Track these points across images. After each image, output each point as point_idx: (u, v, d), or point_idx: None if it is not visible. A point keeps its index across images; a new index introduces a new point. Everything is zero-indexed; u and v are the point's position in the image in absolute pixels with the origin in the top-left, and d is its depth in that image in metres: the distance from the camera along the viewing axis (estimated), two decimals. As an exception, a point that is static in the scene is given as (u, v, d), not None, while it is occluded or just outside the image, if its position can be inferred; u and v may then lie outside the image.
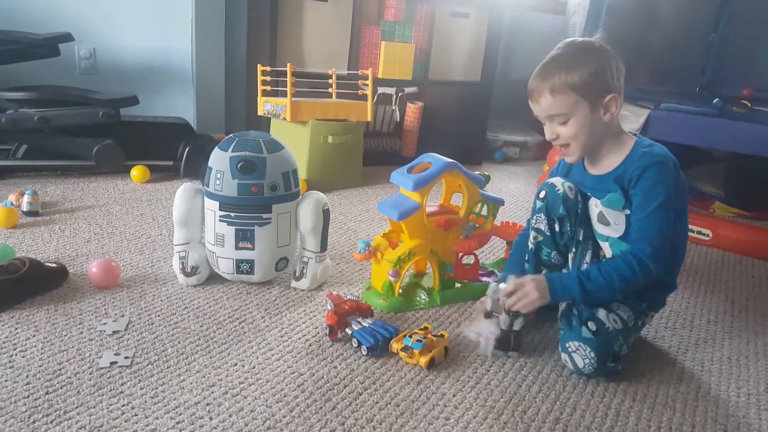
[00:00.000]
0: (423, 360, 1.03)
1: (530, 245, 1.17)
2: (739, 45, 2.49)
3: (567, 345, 1.04)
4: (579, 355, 1.02)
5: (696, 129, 1.79)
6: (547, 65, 1.03)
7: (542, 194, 1.13)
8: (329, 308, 1.10)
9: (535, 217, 1.14)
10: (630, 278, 1.00)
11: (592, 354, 1.01)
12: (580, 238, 1.12)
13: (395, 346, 1.07)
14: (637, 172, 1.01)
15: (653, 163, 1.01)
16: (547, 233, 1.13)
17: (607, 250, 1.11)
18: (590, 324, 1.04)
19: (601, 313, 1.05)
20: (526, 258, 1.19)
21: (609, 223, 1.08)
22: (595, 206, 1.10)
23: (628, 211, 1.04)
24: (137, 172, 2.04)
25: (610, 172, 1.06)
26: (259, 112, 2.19)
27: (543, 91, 1.01)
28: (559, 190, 1.10)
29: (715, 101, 1.93)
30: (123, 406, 0.88)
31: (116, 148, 2.03)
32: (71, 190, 1.91)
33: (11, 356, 0.98)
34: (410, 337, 1.07)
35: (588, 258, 1.12)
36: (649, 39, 2.32)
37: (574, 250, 1.13)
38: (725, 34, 2.51)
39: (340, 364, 1.04)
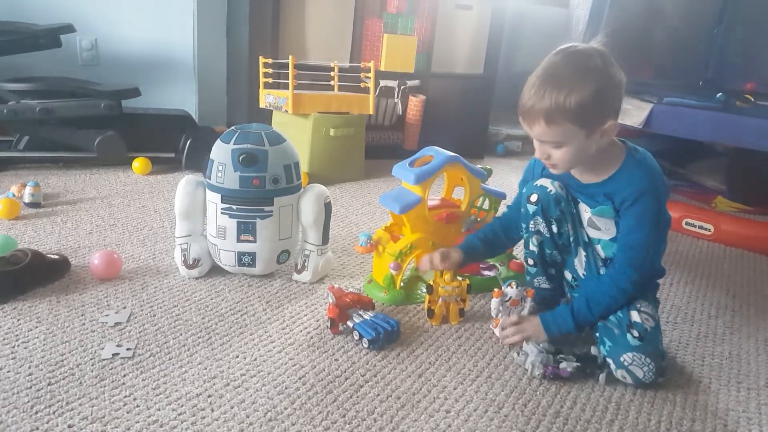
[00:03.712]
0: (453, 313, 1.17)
1: (533, 248, 1.16)
2: (744, 39, 2.47)
3: (621, 359, 0.99)
4: (636, 365, 0.98)
5: (699, 123, 1.78)
6: (544, 84, 0.92)
7: (534, 198, 1.10)
8: (331, 301, 1.10)
9: (532, 222, 1.12)
10: (619, 303, 1.04)
11: (648, 360, 0.98)
12: (586, 240, 1.11)
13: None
14: (632, 196, 0.98)
15: (651, 188, 0.98)
16: (547, 235, 1.12)
17: (600, 252, 1.10)
18: (633, 331, 1.01)
19: (635, 316, 1.02)
20: (532, 262, 1.18)
21: (600, 228, 1.07)
22: (585, 212, 1.08)
23: (617, 218, 1.03)
24: (139, 164, 2.04)
25: (600, 184, 1.02)
26: (261, 105, 2.18)
27: (537, 117, 0.93)
28: (551, 191, 1.08)
29: (718, 95, 1.92)
30: (125, 397, 0.88)
31: (118, 140, 2.02)
32: (73, 182, 1.91)
33: (14, 347, 0.99)
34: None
35: (600, 261, 1.10)
36: (652, 32, 2.31)
37: (584, 253, 1.11)
38: (729, 28, 2.49)
39: (341, 356, 1.04)
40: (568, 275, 1.17)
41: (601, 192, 1.03)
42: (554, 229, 1.11)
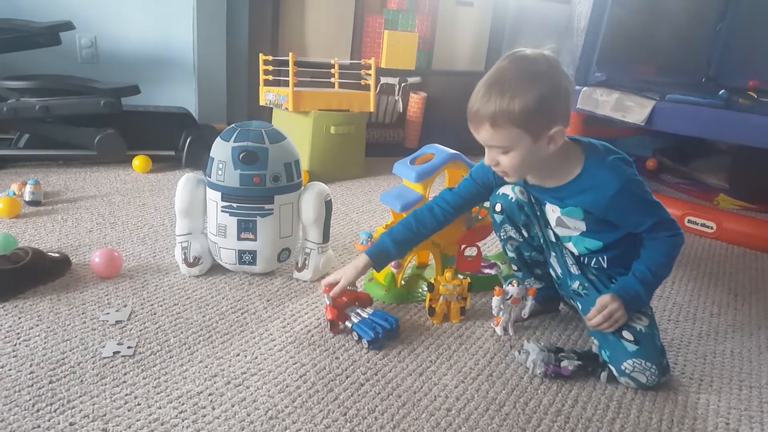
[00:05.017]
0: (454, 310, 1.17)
1: (512, 254, 1.18)
2: (746, 36, 2.46)
3: (623, 368, 0.98)
4: (638, 371, 0.98)
5: (701, 121, 1.78)
6: (490, 89, 0.92)
7: (498, 207, 1.12)
8: (328, 302, 1.10)
9: (502, 230, 1.14)
10: (675, 255, 1.01)
11: (649, 364, 0.98)
12: (553, 240, 1.11)
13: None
14: (613, 200, 0.96)
15: (624, 182, 0.96)
16: (520, 239, 1.14)
17: (572, 249, 1.09)
18: (626, 334, 0.99)
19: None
20: (515, 267, 1.20)
21: (570, 227, 1.07)
22: (553, 211, 1.07)
23: (586, 219, 1.03)
24: (139, 162, 2.04)
25: (562, 188, 1.02)
26: (261, 102, 2.18)
27: (483, 121, 0.93)
28: (512, 198, 1.10)
29: (721, 93, 1.91)
30: (126, 395, 0.88)
31: (118, 138, 2.02)
32: (73, 180, 1.91)
33: (15, 345, 0.99)
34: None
35: (571, 260, 1.10)
36: (654, 29, 2.29)
37: (553, 253, 1.12)
38: (732, 25, 2.49)
39: (342, 354, 1.04)
40: (552, 273, 1.16)
41: (565, 195, 1.02)
42: (524, 233, 1.13)
